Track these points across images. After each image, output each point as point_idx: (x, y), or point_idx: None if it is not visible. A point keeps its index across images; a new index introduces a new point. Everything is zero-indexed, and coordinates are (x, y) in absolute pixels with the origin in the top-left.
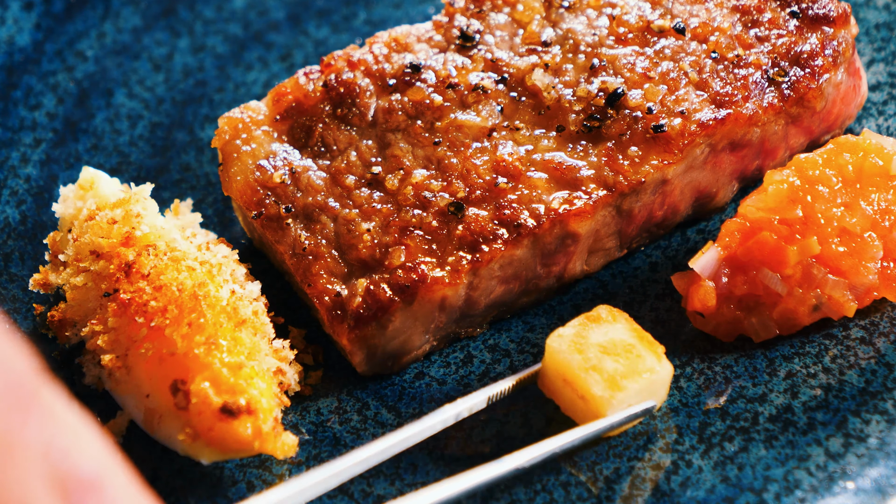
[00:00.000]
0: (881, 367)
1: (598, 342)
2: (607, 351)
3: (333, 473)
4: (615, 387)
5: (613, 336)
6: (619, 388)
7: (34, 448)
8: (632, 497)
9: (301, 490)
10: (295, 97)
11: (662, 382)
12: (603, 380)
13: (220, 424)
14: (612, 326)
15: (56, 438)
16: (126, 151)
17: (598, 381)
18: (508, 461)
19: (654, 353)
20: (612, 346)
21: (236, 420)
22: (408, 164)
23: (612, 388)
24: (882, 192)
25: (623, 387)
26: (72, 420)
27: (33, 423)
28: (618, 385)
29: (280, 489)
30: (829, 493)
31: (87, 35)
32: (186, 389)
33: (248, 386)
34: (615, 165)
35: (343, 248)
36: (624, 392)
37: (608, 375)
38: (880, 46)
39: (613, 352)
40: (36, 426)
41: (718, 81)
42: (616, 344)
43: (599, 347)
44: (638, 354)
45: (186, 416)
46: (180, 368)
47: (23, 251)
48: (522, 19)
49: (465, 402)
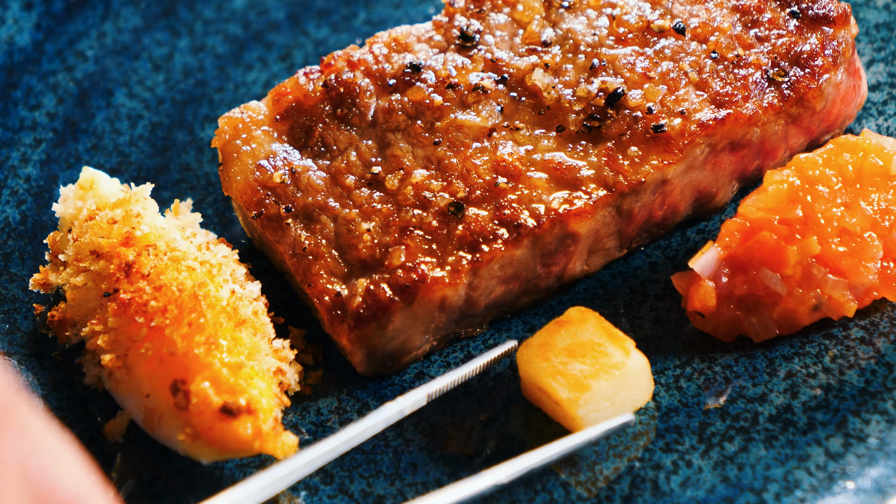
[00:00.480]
0: (881, 367)
1: (565, 345)
2: (573, 353)
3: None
4: (581, 387)
5: (581, 337)
6: (585, 388)
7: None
8: (632, 497)
9: (260, 488)
10: (295, 97)
11: (637, 375)
12: (568, 383)
13: (220, 424)
14: (581, 328)
15: (34, 457)
16: (126, 151)
17: (563, 384)
18: (486, 477)
19: (621, 347)
20: (579, 347)
21: (236, 420)
22: (408, 164)
23: (579, 390)
24: (882, 192)
25: (588, 386)
26: (50, 439)
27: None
28: (583, 385)
29: (250, 482)
30: (829, 493)
31: (87, 35)
32: (186, 389)
33: (248, 386)
34: (615, 165)
35: (343, 248)
36: (590, 391)
37: (574, 378)
38: (880, 46)
39: (580, 353)
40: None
41: (718, 81)
42: (583, 344)
43: (566, 351)
44: (604, 352)
45: (186, 416)
46: (180, 368)
47: (23, 251)
48: (522, 19)
49: (407, 400)
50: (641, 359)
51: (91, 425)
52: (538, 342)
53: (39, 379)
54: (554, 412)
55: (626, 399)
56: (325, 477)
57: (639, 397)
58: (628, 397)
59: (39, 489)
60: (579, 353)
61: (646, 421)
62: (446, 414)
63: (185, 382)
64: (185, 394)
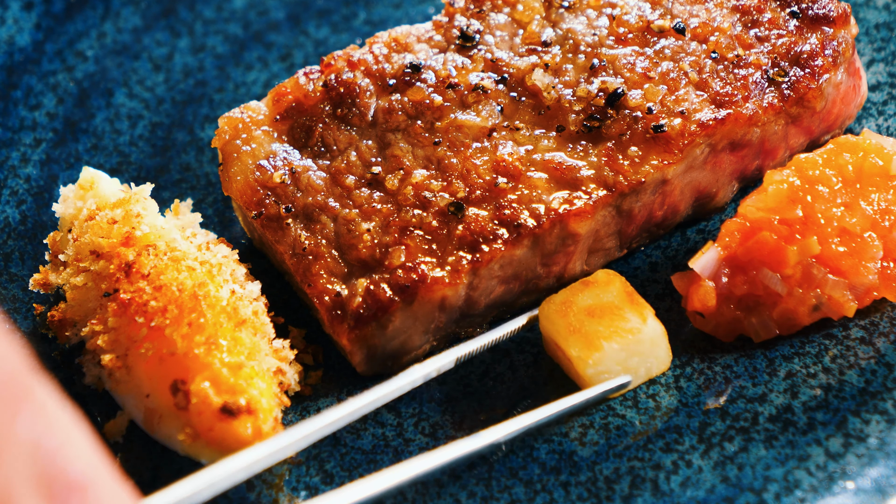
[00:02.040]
0: (881, 367)
1: (585, 305)
2: (592, 314)
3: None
4: (592, 347)
5: (603, 299)
6: (596, 348)
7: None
8: (632, 497)
9: (279, 449)
10: (295, 97)
11: (651, 343)
12: (581, 341)
13: (220, 424)
14: (605, 290)
15: (45, 436)
16: (126, 151)
17: (576, 343)
18: (484, 436)
19: (638, 314)
20: (599, 308)
21: (236, 420)
22: (408, 164)
23: (590, 349)
24: (882, 192)
25: (600, 346)
26: (63, 419)
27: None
28: (595, 345)
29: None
30: (829, 493)
31: (87, 35)
32: (186, 389)
33: (248, 386)
34: (615, 165)
35: (343, 248)
36: (601, 352)
37: (587, 337)
38: (880, 46)
39: (598, 314)
40: (26, 423)
41: (718, 81)
42: (603, 306)
43: (585, 311)
44: (621, 315)
45: (186, 416)
46: (180, 368)
47: (23, 251)
48: (522, 19)
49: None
50: (658, 327)
51: (91, 425)
52: (560, 299)
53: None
54: (568, 369)
55: (638, 365)
56: (326, 477)
57: (653, 365)
58: (641, 364)
59: (49, 469)
60: (597, 314)
61: (646, 421)
62: (446, 414)
63: (185, 382)
64: (185, 394)
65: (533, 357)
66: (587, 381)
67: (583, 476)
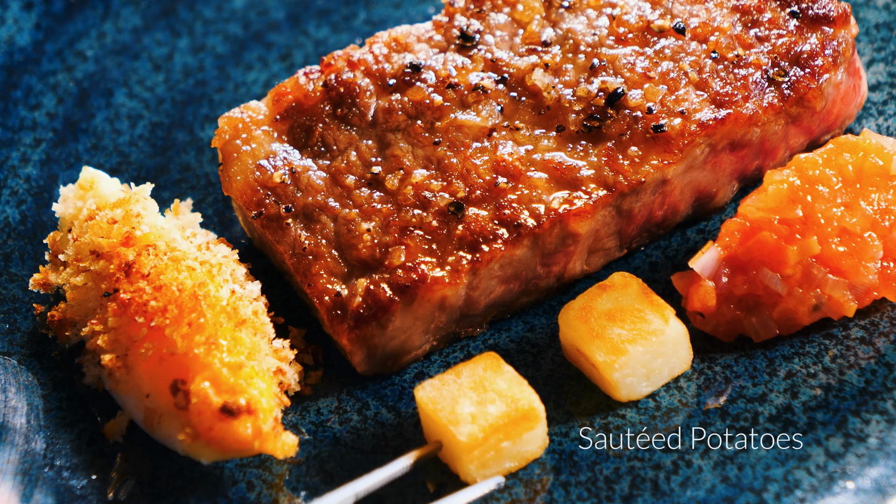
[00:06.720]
0: (881, 367)
1: (606, 309)
2: (613, 318)
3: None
4: (617, 351)
5: (622, 302)
6: (622, 352)
7: None
8: (632, 497)
9: None
10: (295, 97)
11: (674, 343)
12: (605, 346)
13: (220, 424)
14: (623, 293)
15: None
16: (126, 151)
17: (600, 347)
18: None
19: (660, 315)
20: (619, 312)
21: (236, 420)
22: (408, 164)
23: (615, 354)
24: (882, 192)
25: (625, 350)
26: None
27: None
28: (620, 350)
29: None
30: (829, 493)
31: (87, 35)
32: (186, 389)
33: (248, 386)
34: (615, 165)
35: (343, 248)
36: (626, 356)
37: (611, 342)
38: (880, 46)
39: (619, 318)
40: None
41: (718, 81)
42: (623, 309)
43: (606, 315)
44: (643, 318)
45: (186, 416)
46: (180, 368)
47: (23, 251)
48: (522, 19)
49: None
50: (680, 327)
51: (91, 425)
52: (579, 305)
53: (39, 379)
54: (591, 374)
55: (662, 366)
56: (326, 477)
57: (676, 365)
58: (665, 364)
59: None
60: (619, 318)
61: (646, 421)
62: None
63: (185, 382)
64: (185, 394)
65: (533, 357)
66: (614, 386)
67: (583, 476)
